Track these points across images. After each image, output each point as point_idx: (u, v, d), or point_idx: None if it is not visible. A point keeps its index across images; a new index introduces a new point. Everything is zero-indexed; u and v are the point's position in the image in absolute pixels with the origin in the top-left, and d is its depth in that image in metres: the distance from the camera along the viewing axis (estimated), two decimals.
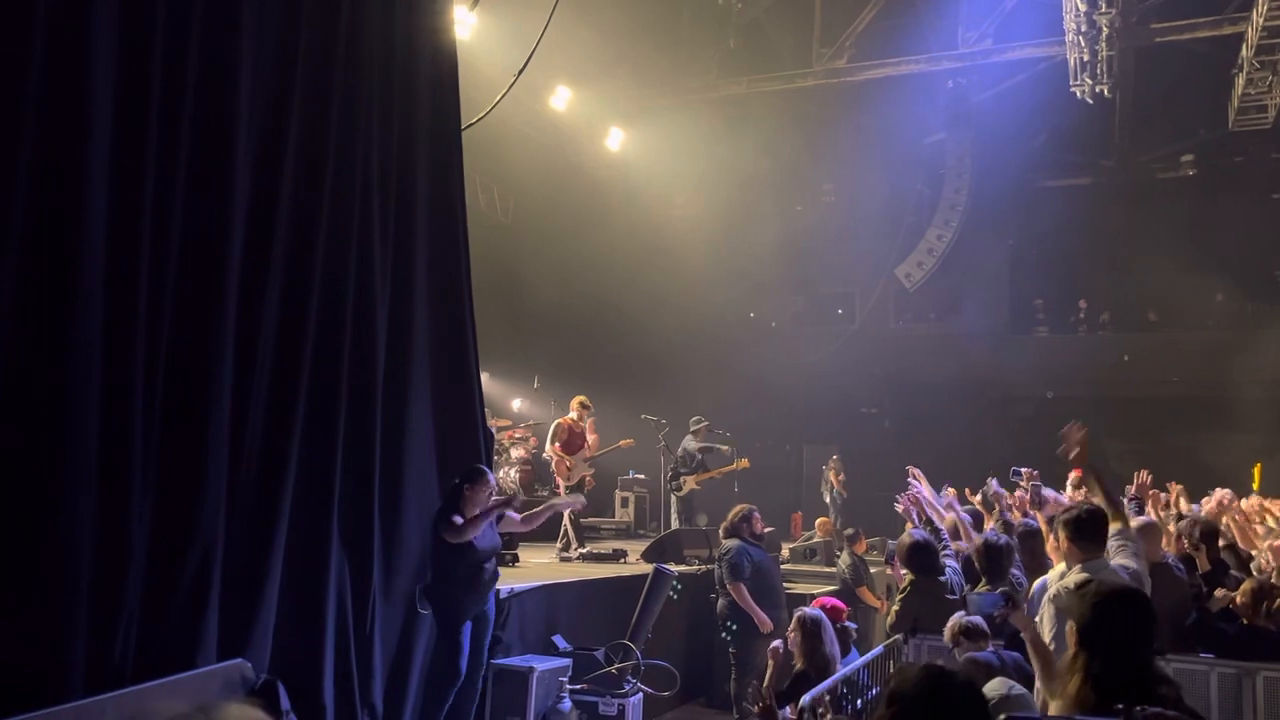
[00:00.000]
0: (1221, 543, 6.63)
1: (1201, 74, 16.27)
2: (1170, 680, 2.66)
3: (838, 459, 15.46)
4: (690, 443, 12.24)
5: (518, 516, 6.69)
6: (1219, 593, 5.71)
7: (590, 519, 13.20)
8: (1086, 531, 3.97)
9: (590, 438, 10.58)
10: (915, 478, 7.64)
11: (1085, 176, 19.12)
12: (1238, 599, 5.34)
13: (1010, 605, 3.91)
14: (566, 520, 10.17)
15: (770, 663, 6.20)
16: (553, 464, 10.50)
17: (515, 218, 16.01)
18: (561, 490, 10.30)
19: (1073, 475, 7.68)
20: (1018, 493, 7.58)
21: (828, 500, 14.93)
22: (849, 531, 10.84)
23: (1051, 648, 2.80)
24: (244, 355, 5.23)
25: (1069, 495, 7.80)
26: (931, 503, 7.44)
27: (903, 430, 17.60)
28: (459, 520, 5.91)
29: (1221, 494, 7.73)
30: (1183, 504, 7.77)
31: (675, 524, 11.74)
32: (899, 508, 7.29)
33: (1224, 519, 6.84)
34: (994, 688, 3.50)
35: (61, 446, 4.15)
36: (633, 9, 14.14)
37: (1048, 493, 7.39)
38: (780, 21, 16.40)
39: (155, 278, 4.66)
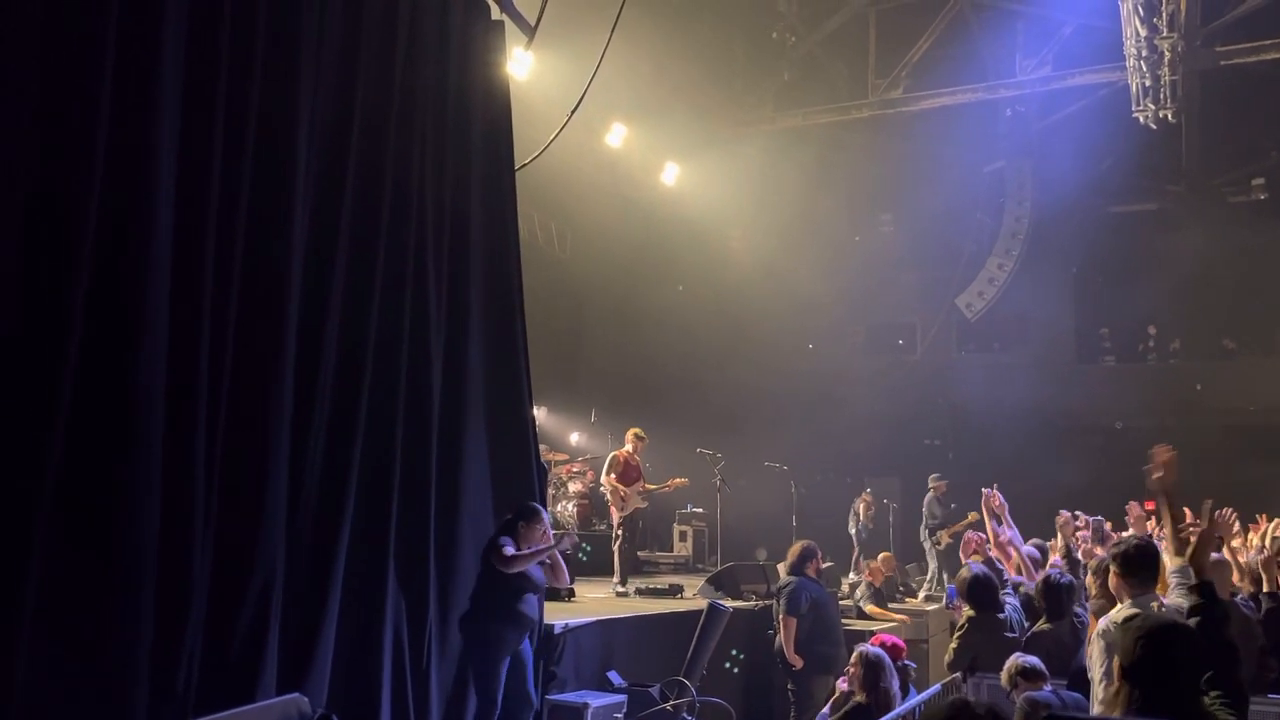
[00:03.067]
0: None
1: (1270, 95, 15.89)
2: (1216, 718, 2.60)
3: (870, 492, 15.28)
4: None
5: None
6: None
7: (648, 553, 13.20)
8: (1136, 567, 3.90)
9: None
10: (990, 502, 7.42)
11: (1152, 202, 18.74)
12: None
13: None
14: (616, 555, 10.18)
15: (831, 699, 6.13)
16: (607, 496, 10.52)
17: (573, 253, 16.18)
18: (615, 520, 10.31)
19: (1132, 513, 7.46)
20: (1080, 532, 7.40)
21: (852, 532, 14.68)
22: (867, 564, 11.08)
23: (1100, 684, 2.76)
24: (303, 393, 5.35)
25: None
26: (1003, 534, 7.28)
27: (966, 462, 17.26)
28: (510, 550, 5.93)
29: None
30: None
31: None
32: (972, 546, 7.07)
33: None
34: None
35: (127, 483, 4.29)
36: (687, 45, 14.28)
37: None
38: (835, 53, 16.42)
39: (217, 314, 4.81)
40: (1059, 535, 8.04)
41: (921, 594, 12.93)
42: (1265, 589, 5.84)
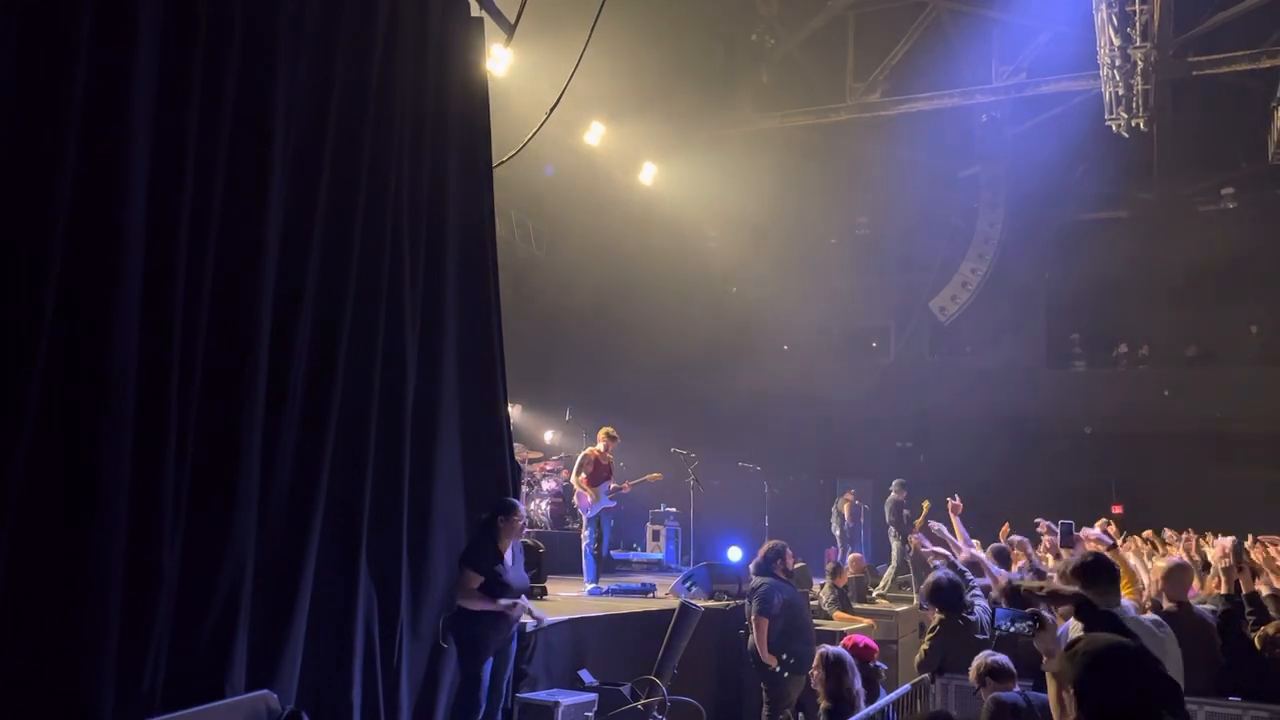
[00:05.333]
0: (1266, 590, 6.45)
1: (1241, 106, 16.15)
2: None
3: (853, 492, 15.38)
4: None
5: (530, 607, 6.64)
6: None
7: (621, 552, 13.21)
8: (1093, 579, 3.93)
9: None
10: (954, 511, 7.59)
11: (1123, 210, 18.98)
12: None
13: (1038, 627, 3.75)
14: (584, 556, 10.21)
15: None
16: (574, 495, 10.53)
17: (549, 251, 16.15)
18: (583, 518, 10.34)
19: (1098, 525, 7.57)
20: (1045, 539, 7.49)
21: (837, 534, 14.82)
22: (830, 565, 11.08)
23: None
24: (275, 387, 5.30)
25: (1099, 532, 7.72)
26: (954, 539, 7.37)
27: (937, 465, 17.44)
28: (475, 584, 5.99)
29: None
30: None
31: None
32: (923, 548, 7.19)
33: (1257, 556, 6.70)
34: None
35: (95, 476, 4.23)
36: (666, 45, 14.31)
37: (1090, 532, 7.29)
38: (813, 57, 16.51)
39: (189, 310, 4.76)
40: (1019, 553, 8.10)
41: (875, 593, 13.01)
42: (1222, 591, 5.85)
